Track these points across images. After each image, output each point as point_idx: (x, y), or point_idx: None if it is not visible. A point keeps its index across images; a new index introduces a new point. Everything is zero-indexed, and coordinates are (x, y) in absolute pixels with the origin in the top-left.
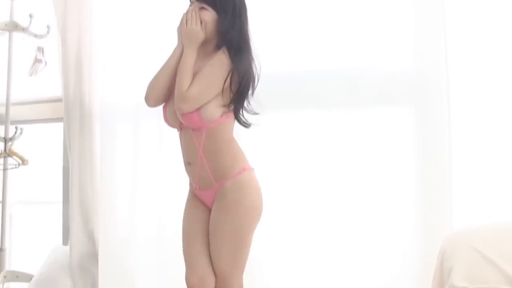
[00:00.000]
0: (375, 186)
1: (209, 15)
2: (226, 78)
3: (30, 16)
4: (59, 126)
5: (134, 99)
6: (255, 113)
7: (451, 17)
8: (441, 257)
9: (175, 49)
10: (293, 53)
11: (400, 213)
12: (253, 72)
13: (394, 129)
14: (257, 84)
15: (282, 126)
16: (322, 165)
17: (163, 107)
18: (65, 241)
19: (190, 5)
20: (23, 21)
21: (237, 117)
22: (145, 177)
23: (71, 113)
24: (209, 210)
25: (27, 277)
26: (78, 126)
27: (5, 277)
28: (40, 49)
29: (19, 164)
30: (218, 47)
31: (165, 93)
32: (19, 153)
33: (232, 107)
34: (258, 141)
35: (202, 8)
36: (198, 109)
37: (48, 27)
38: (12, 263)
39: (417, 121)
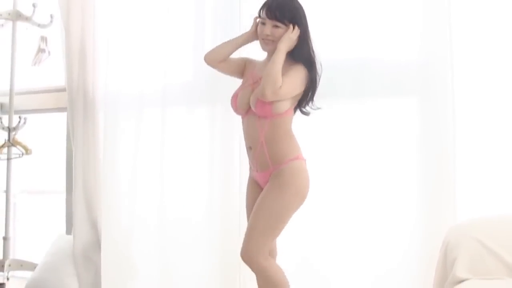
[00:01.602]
0: (380, 177)
1: (281, 32)
2: (305, 89)
3: (34, 5)
4: (63, 115)
5: (137, 88)
6: (318, 108)
7: (456, 10)
8: (444, 248)
9: (246, 33)
10: None
11: (404, 204)
12: (317, 79)
13: (400, 120)
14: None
15: None
16: (327, 154)
17: (233, 97)
18: (69, 230)
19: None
20: (26, 11)
21: (301, 111)
22: (147, 166)
23: (75, 103)
24: None
25: (31, 266)
26: (81, 115)
27: (9, 265)
28: (44, 39)
29: (22, 154)
30: (292, 58)
31: (221, 59)
32: (23, 142)
33: (296, 105)
34: None
35: (275, 26)
36: (272, 102)
37: (51, 16)
38: (16, 252)
39: (422, 113)
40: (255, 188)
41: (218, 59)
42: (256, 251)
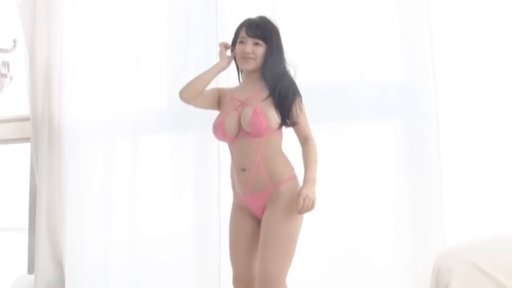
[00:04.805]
0: (367, 200)
1: (262, 50)
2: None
3: None
4: (26, 146)
5: (107, 117)
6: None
7: (437, 31)
8: (436, 273)
9: (220, 62)
10: None
11: (391, 227)
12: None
13: (385, 142)
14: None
15: None
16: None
17: (219, 124)
18: (31, 270)
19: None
20: None
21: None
22: (116, 200)
23: (39, 133)
24: (256, 219)
25: None
26: (46, 146)
27: None
28: (5, 64)
29: None
30: (268, 74)
31: (198, 94)
32: None
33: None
34: None
35: (256, 43)
36: (268, 118)
37: (14, 41)
38: None
39: (407, 134)
40: (244, 216)
41: (195, 94)
42: (277, 280)
